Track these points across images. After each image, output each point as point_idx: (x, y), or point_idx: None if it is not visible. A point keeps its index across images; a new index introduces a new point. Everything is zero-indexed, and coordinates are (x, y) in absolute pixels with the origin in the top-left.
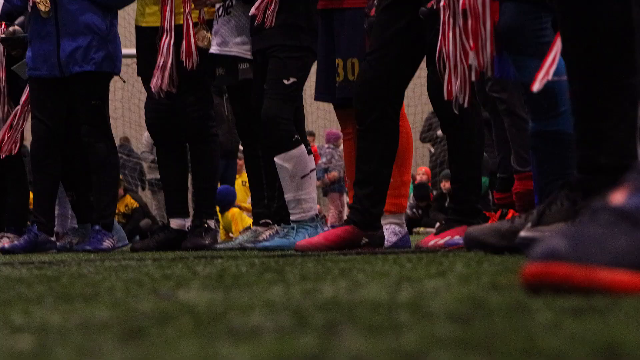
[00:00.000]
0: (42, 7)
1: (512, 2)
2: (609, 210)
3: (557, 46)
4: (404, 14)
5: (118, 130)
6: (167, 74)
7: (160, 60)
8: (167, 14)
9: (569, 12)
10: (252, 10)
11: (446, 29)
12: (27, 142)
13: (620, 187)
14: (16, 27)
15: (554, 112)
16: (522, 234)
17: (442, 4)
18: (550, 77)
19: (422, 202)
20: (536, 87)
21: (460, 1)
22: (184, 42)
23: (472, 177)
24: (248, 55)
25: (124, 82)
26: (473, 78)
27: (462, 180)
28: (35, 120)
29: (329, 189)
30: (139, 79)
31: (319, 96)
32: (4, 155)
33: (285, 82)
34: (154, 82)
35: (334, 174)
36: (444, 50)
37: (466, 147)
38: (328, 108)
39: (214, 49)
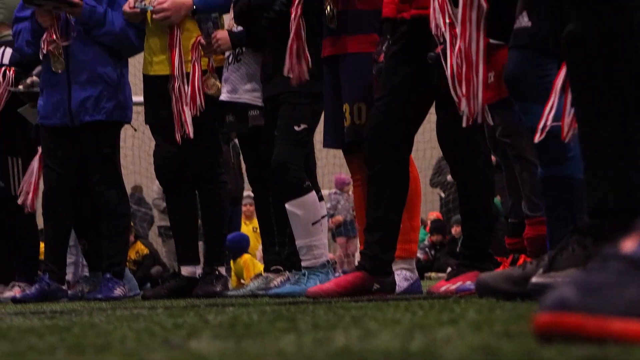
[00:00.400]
0: (58, 67)
1: (515, 49)
2: (620, 258)
3: (556, 92)
4: (412, 59)
5: (129, 178)
6: (186, 120)
7: (178, 107)
8: (175, 61)
9: (578, 59)
10: (286, 71)
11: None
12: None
13: (631, 234)
14: (34, 78)
15: (562, 158)
16: (534, 280)
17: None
18: (549, 124)
19: (437, 235)
20: (537, 137)
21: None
22: (189, 88)
23: (482, 223)
24: (258, 102)
25: (135, 130)
26: (464, 124)
27: (473, 226)
28: (47, 169)
29: (336, 232)
30: (148, 126)
31: (328, 143)
32: (30, 210)
33: (296, 128)
34: (178, 129)
35: (338, 218)
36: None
37: (476, 192)
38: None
39: (224, 97)
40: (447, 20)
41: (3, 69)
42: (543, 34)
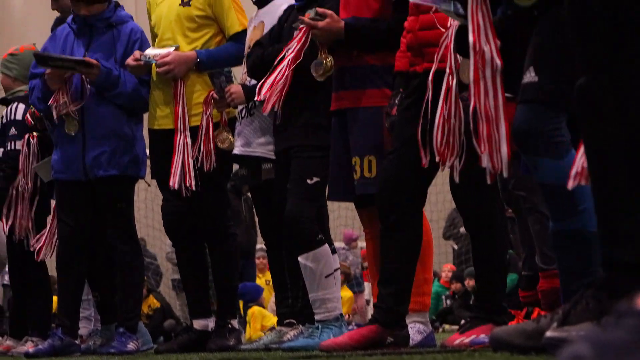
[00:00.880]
0: (72, 129)
1: (523, 104)
2: (635, 314)
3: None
4: (425, 112)
5: (142, 232)
6: (186, 172)
7: (177, 160)
8: (179, 114)
9: (589, 112)
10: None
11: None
12: None
13: None
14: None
15: (573, 211)
16: (548, 334)
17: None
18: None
19: (457, 284)
20: (571, 183)
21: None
22: (202, 143)
23: (496, 275)
24: (272, 156)
25: (149, 185)
26: (488, 180)
27: (487, 278)
28: (61, 223)
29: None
30: None
31: (334, 196)
32: (39, 259)
33: (309, 181)
34: (172, 180)
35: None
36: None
37: (489, 244)
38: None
39: (237, 150)
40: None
41: (27, 136)
42: (550, 88)
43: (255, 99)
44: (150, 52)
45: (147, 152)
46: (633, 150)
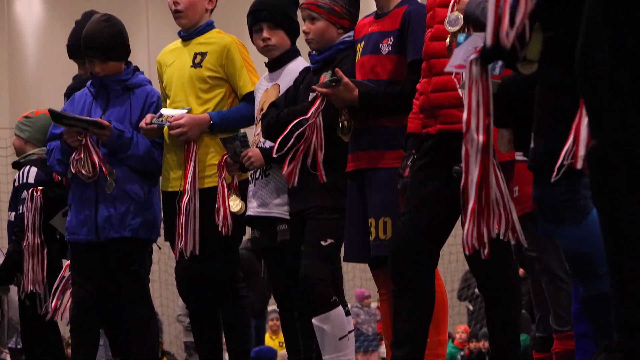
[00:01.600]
0: (84, 172)
1: (531, 170)
2: None
3: None
4: (437, 174)
5: (155, 293)
6: (190, 235)
7: (182, 221)
8: (189, 176)
9: (602, 174)
10: (284, 173)
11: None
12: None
13: None
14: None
15: (594, 275)
16: None
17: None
18: None
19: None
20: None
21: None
22: (221, 208)
23: (510, 336)
24: (288, 216)
25: (160, 248)
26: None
27: (500, 340)
28: (75, 286)
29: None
30: None
31: (349, 257)
32: (49, 318)
33: (323, 243)
34: (178, 243)
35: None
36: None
37: (503, 306)
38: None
39: (252, 212)
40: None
41: (30, 190)
42: (542, 152)
43: (273, 154)
44: (163, 112)
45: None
46: None
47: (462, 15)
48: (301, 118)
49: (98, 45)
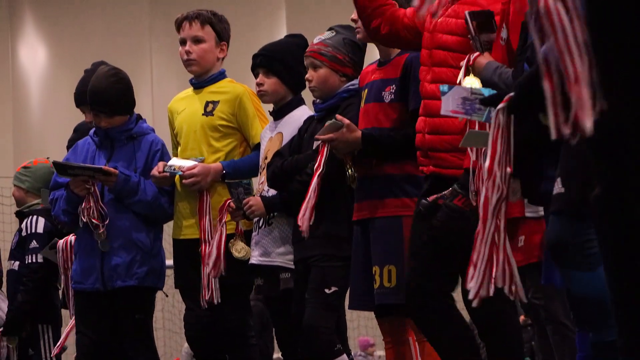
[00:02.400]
0: (95, 221)
1: (553, 215)
2: None
3: None
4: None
5: (159, 342)
6: (213, 285)
7: (206, 272)
8: (205, 225)
9: (605, 222)
10: (299, 222)
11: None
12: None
13: None
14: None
15: (605, 323)
16: None
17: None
18: None
19: None
20: None
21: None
22: (214, 251)
23: None
24: (291, 265)
25: (166, 296)
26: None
27: None
28: (79, 334)
29: None
30: (178, 290)
31: (354, 305)
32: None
33: (327, 291)
34: (205, 294)
35: None
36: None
37: (503, 353)
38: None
39: (254, 260)
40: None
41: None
42: (576, 199)
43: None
44: (174, 162)
45: (167, 262)
46: None
47: None
48: (308, 170)
49: (105, 101)
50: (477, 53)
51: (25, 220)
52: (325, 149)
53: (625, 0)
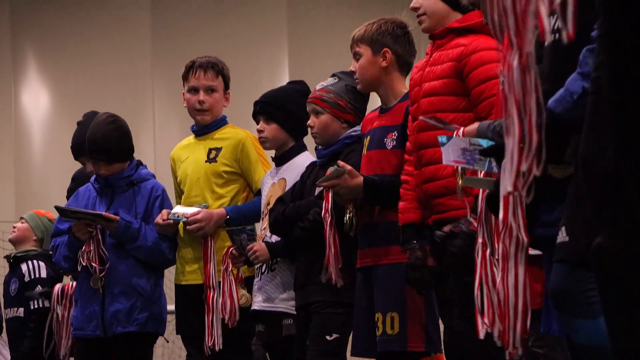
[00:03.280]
0: (97, 283)
1: (557, 263)
2: None
3: None
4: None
5: None
6: (218, 332)
7: (210, 319)
8: (210, 271)
9: (607, 272)
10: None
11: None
12: None
13: None
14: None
15: None
16: None
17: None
18: None
19: None
20: None
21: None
22: (227, 300)
23: None
24: (293, 311)
25: (167, 341)
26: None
27: None
28: None
29: None
30: (179, 336)
31: (357, 351)
32: None
33: (328, 338)
34: (208, 340)
35: None
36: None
37: None
38: None
39: (257, 306)
40: (480, 241)
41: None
42: (580, 249)
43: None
44: (178, 210)
45: (168, 307)
46: None
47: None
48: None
49: (104, 149)
50: (462, 128)
51: (23, 266)
52: (330, 195)
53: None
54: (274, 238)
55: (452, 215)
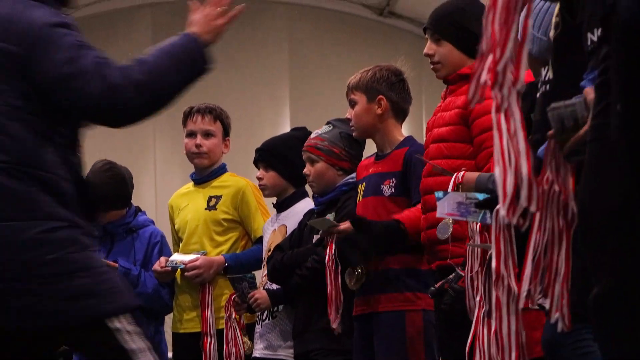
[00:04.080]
0: None
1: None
2: None
3: None
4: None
5: None
6: None
7: None
8: (207, 318)
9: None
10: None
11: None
12: None
13: None
14: None
15: None
16: None
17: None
18: None
19: None
20: None
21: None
22: (232, 349)
23: None
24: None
25: None
26: None
27: None
28: None
29: None
30: None
31: None
32: None
33: None
34: None
35: None
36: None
37: None
38: None
39: (258, 353)
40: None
41: None
42: (574, 300)
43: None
44: (176, 258)
45: (170, 355)
46: None
47: (451, 223)
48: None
49: (101, 197)
50: (463, 172)
51: None
52: (332, 243)
53: None
54: (275, 285)
55: (455, 262)
